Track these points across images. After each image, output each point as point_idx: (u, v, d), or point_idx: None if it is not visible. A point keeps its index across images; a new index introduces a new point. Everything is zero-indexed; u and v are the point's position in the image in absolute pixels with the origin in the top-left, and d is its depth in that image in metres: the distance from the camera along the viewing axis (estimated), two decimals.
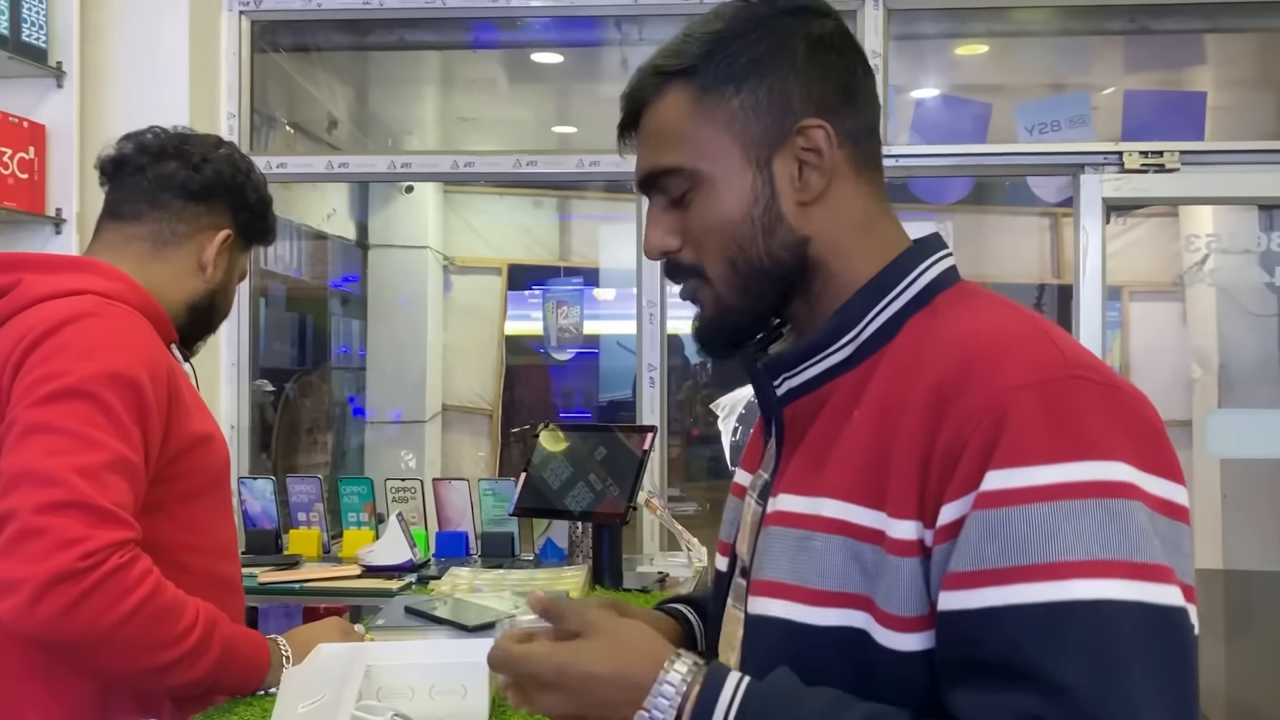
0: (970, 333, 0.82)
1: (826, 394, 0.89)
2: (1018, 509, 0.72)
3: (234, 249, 1.56)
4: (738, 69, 0.90)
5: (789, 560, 0.85)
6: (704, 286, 0.92)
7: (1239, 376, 4.29)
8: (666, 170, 0.91)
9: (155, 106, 2.68)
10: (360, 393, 4.89)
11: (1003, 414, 0.75)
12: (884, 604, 0.78)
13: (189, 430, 1.37)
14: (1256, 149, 2.81)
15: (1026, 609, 0.71)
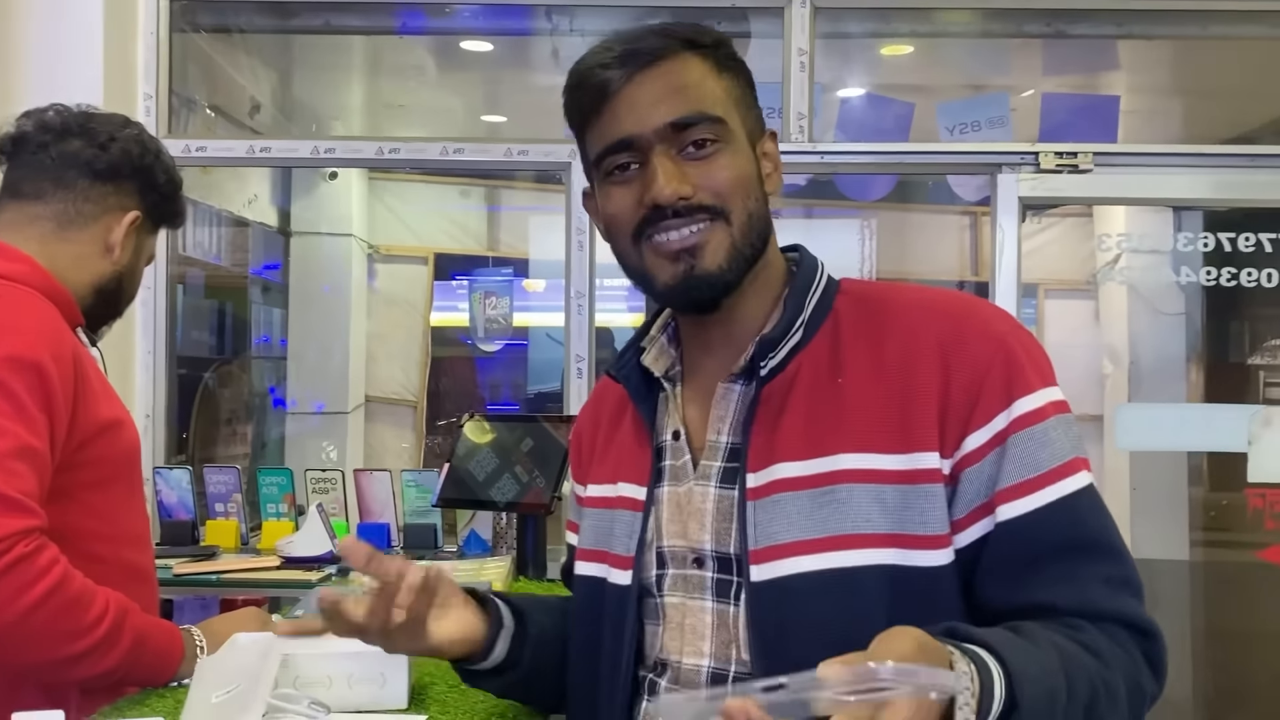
0: (936, 298, 1.02)
1: (794, 371, 0.99)
2: (1048, 422, 0.93)
3: (142, 231, 1.52)
4: (734, 66, 1.03)
5: (809, 517, 0.94)
6: (722, 228, 0.98)
7: (1147, 372, 4.44)
8: (709, 116, 0.98)
9: (68, 87, 2.60)
10: (281, 383, 4.81)
11: (1007, 354, 0.95)
12: (915, 530, 0.93)
13: (96, 416, 1.34)
14: (1167, 152, 2.91)
15: (1074, 496, 0.93)
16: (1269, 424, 2.78)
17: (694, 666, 1.00)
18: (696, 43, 1.00)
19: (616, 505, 1.08)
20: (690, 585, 1.01)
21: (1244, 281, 2.91)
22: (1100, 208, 4.00)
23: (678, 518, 1.02)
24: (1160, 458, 4.28)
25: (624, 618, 1.03)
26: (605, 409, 1.16)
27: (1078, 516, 0.92)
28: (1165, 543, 4.32)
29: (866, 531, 0.92)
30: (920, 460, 0.93)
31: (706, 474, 1.02)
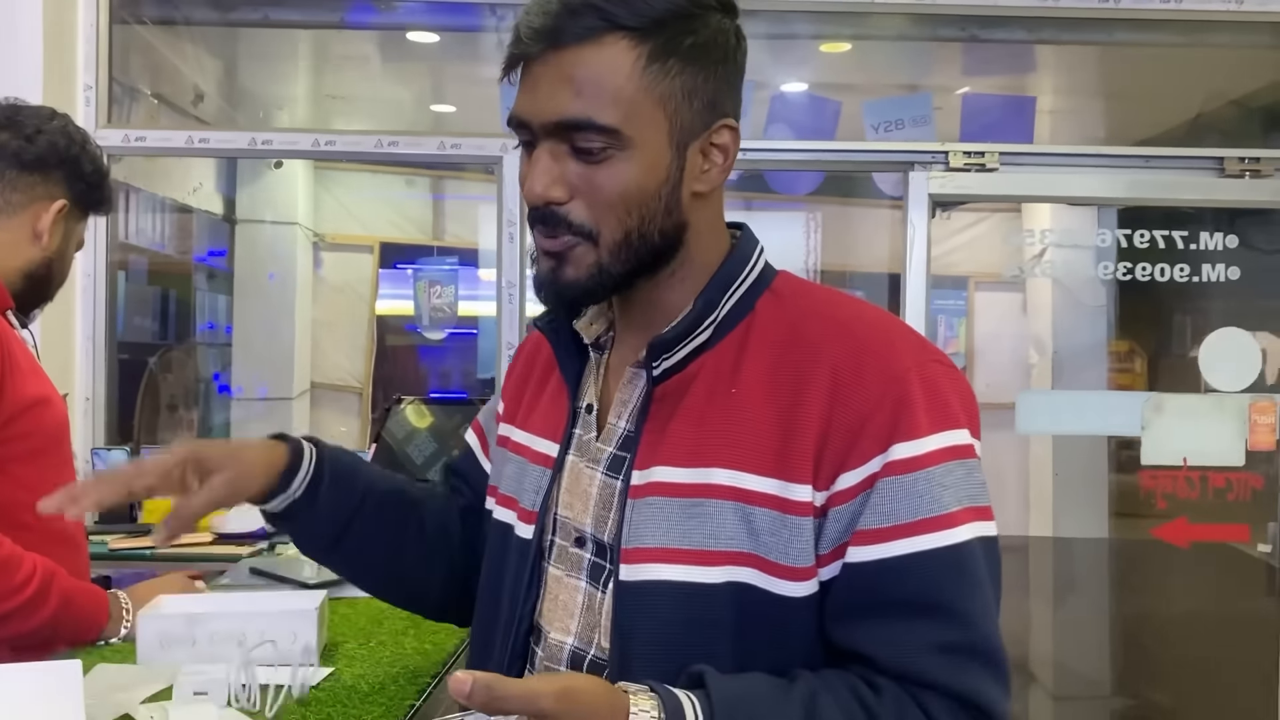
0: (849, 320, 0.95)
1: (694, 372, 0.96)
2: (920, 473, 0.88)
3: (70, 218, 1.61)
4: (685, 49, 0.91)
5: (677, 526, 0.92)
6: (586, 248, 0.93)
7: (1070, 362, 4.62)
8: (598, 126, 0.89)
9: (7, 78, 2.66)
10: (226, 369, 4.87)
11: (901, 393, 0.89)
12: (777, 558, 0.89)
13: (23, 394, 1.43)
14: (1068, 152, 3.07)
15: (931, 554, 0.87)
16: (1160, 410, 2.95)
17: (558, 642, 0.99)
18: (631, 23, 0.89)
19: (530, 458, 1.06)
20: (569, 561, 1.00)
21: (1156, 277, 3.08)
22: (1028, 205, 4.17)
23: (571, 491, 1.01)
24: (1080, 444, 4.48)
25: (523, 571, 1.02)
26: (543, 354, 1.12)
27: (927, 575, 0.87)
28: (1085, 522, 4.52)
29: (728, 549, 0.90)
30: (792, 490, 0.90)
31: (597, 458, 1.00)
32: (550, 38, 0.89)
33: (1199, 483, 2.96)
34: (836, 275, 5.61)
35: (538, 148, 0.92)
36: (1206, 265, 3.04)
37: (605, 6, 0.89)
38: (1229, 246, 3.04)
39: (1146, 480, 2.99)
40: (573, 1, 0.89)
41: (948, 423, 0.90)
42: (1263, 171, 2.97)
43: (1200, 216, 3.11)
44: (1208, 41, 3.25)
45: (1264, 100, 3.56)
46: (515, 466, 1.08)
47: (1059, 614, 4.47)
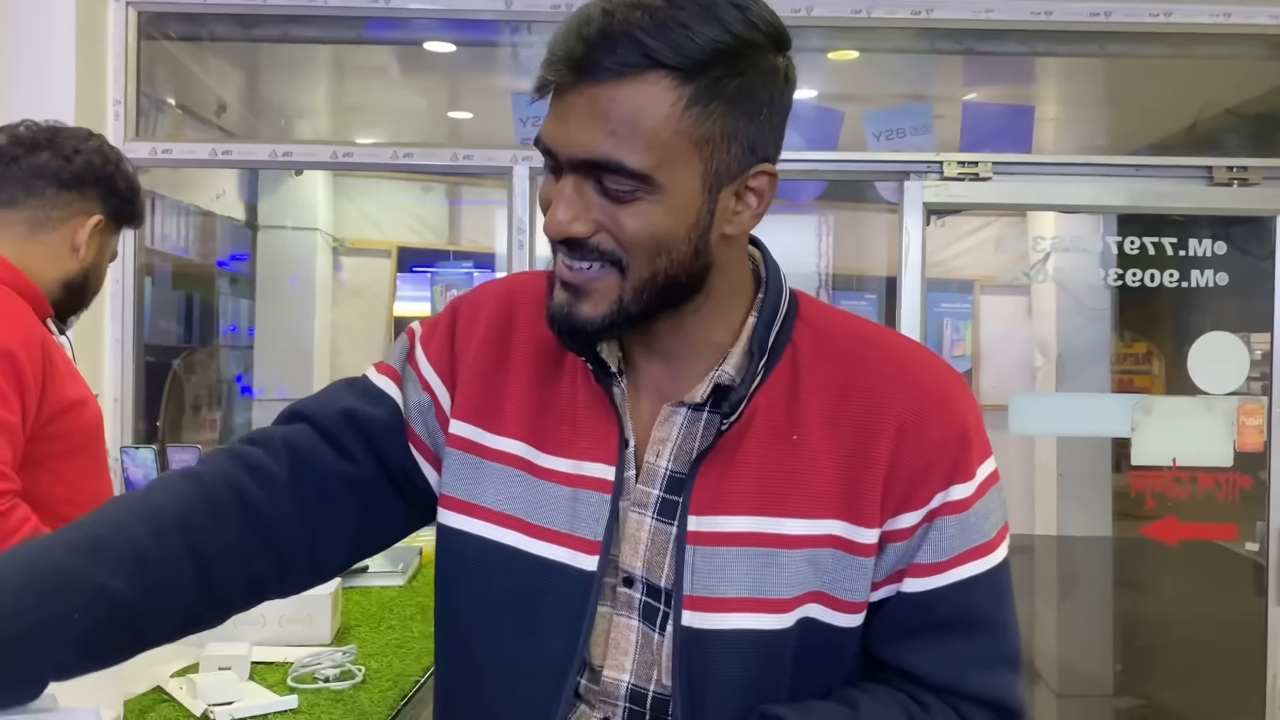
0: (902, 364, 0.96)
1: (749, 415, 0.94)
2: (973, 509, 0.95)
3: (105, 232, 1.73)
4: (731, 91, 0.86)
5: (749, 575, 0.92)
6: (614, 279, 0.89)
7: (1073, 364, 4.70)
8: (628, 170, 0.85)
9: (41, 95, 2.81)
10: (248, 371, 5.01)
11: (962, 438, 0.94)
12: (840, 594, 0.94)
13: (62, 396, 1.56)
14: (1059, 161, 3.16)
15: (977, 578, 0.95)
16: (1149, 412, 3.04)
17: (615, 680, 0.97)
18: (674, 62, 0.83)
19: (581, 484, 0.97)
20: (617, 600, 0.97)
21: (1148, 282, 3.16)
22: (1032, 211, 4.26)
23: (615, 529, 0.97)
24: (1084, 443, 4.56)
25: (583, 604, 0.95)
26: (518, 343, 1.01)
27: (972, 598, 0.95)
28: (1089, 521, 4.59)
29: (798, 594, 0.93)
30: (860, 534, 0.93)
31: (644, 501, 0.96)
32: (586, 69, 0.84)
33: (1188, 482, 3.05)
34: (846, 278, 5.71)
35: (563, 178, 0.88)
36: (1196, 271, 3.12)
37: (647, 41, 0.83)
38: (1218, 253, 3.12)
39: (1136, 480, 3.08)
40: (613, 30, 0.83)
41: (987, 454, 0.97)
42: (1250, 180, 3.05)
43: (1197, 223, 3.20)
44: (1198, 53, 3.33)
45: (1257, 109, 3.63)
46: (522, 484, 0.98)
47: (1063, 612, 4.56)
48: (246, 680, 1.37)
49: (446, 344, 1.03)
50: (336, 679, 1.40)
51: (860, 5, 3.13)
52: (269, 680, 1.39)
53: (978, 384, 5.35)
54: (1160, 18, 3.11)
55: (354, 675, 1.41)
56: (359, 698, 1.36)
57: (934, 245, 4.75)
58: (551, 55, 0.86)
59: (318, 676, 1.40)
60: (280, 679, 1.39)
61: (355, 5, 3.14)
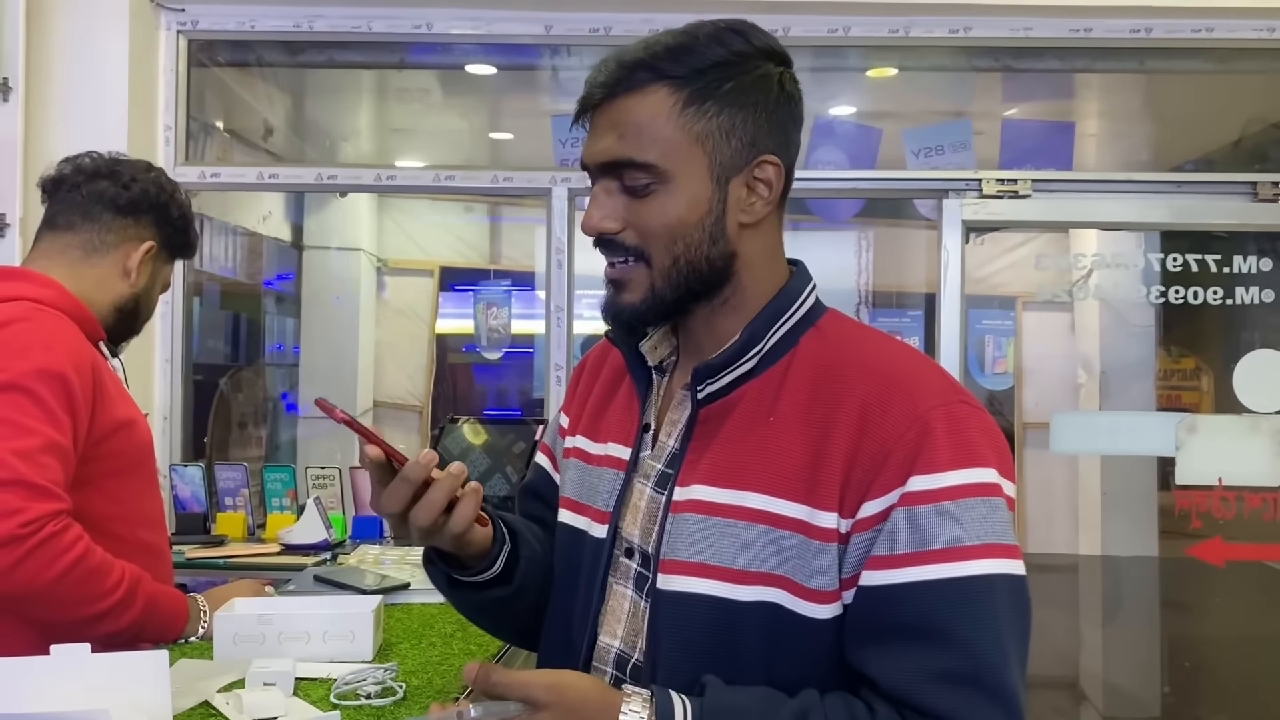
0: (883, 360, 1.00)
1: (737, 399, 1.03)
2: (934, 505, 0.92)
3: (157, 259, 1.78)
4: (722, 94, 1.00)
5: (710, 544, 0.98)
6: (642, 269, 1.02)
7: (1117, 382, 4.65)
8: (637, 163, 1.00)
9: (96, 120, 2.89)
10: (293, 388, 5.09)
11: (923, 429, 0.94)
12: (803, 580, 0.95)
13: (112, 416, 1.60)
14: (1100, 178, 3.15)
15: (938, 583, 0.91)
16: (1194, 430, 3.01)
17: (607, 645, 1.07)
18: (671, 72, 1.00)
19: (603, 463, 1.12)
20: (619, 570, 1.07)
21: (1190, 300, 3.13)
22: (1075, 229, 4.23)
23: (625, 503, 1.08)
24: (1129, 461, 4.50)
25: (597, 569, 1.08)
26: (607, 368, 1.20)
27: (932, 604, 0.91)
28: (1134, 541, 4.53)
29: (757, 569, 0.96)
30: (819, 517, 0.95)
31: (647, 473, 1.07)
32: (599, 91, 1.02)
33: (1234, 502, 3.01)
34: (886, 295, 5.69)
35: (593, 187, 1.04)
36: (1241, 287, 3.09)
37: (654, 62, 1.00)
38: (1264, 269, 3.09)
39: (1181, 500, 3.04)
40: (628, 59, 1.01)
41: (971, 460, 0.94)
42: None
43: (1242, 238, 3.17)
44: (1241, 68, 3.30)
45: None
46: (582, 472, 1.15)
47: (1109, 633, 4.49)
48: (290, 696, 1.40)
49: (573, 391, 1.25)
50: (378, 695, 1.43)
51: (898, 24, 3.14)
52: (312, 696, 1.42)
53: (1020, 401, 5.31)
54: (1202, 33, 3.09)
55: (395, 692, 1.44)
56: (400, 714, 1.39)
57: (975, 261, 4.75)
58: (584, 89, 1.04)
59: (360, 693, 1.43)
60: (323, 695, 1.42)
61: (398, 31, 3.20)
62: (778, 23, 3.02)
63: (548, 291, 3.18)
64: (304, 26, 3.18)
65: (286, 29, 3.19)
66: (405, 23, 3.18)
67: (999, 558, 0.93)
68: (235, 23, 3.18)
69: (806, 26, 3.13)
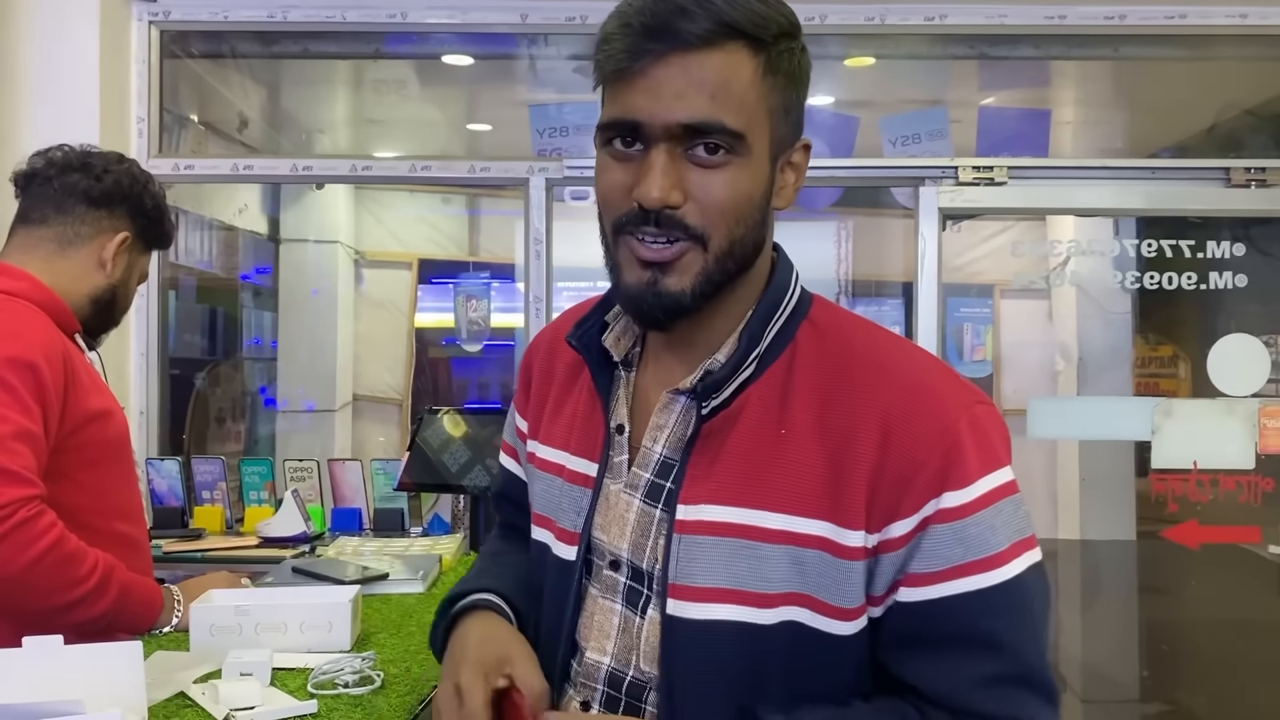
0: (895, 364, 0.95)
1: (739, 407, 0.95)
2: (970, 518, 0.90)
3: (133, 250, 1.77)
4: (788, 66, 0.93)
5: (729, 567, 0.92)
6: (697, 253, 0.92)
7: (1095, 368, 4.68)
8: (730, 130, 0.89)
9: (67, 113, 2.86)
10: (272, 383, 5.06)
11: (952, 443, 0.90)
12: (828, 598, 0.91)
13: (86, 407, 1.59)
14: (1075, 165, 3.16)
15: (981, 593, 0.90)
16: (1169, 415, 3.03)
17: (596, 662, 1.01)
18: (753, 35, 0.90)
19: (567, 477, 1.05)
20: (604, 584, 1.01)
21: (1164, 285, 3.15)
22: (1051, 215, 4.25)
23: (605, 514, 1.01)
24: (1107, 447, 4.53)
25: (566, 590, 1.02)
26: (560, 365, 1.11)
27: (975, 612, 0.89)
28: (1112, 525, 4.57)
29: (781, 591, 0.92)
30: (845, 535, 0.91)
31: (635, 484, 1.00)
32: (668, 38, 0.88)
33: (1209, 485, 3.03)
34: (865, 284, 5.71)
35: (652, 151, 0.90)
36: (1215, 273, 3.11)
37: (725, 10, 0.89)
38: (1237, 254, 3.11)
39: (1157, 484, 3.06)
40: (687, 5, 0.88)
41: (994, 464, 0.91)
42: (1269, 181, 3.04)
43: (1216, 224, 3.19)
44: (1215, 55, 3.32)
45: (1276, 109, 3.62)
46: (547, 484, 1.08)
47: (1087, 617, 4.53)
48: (268, 686, 1.40)
49: (524, 389, 1.16)
50: (355, 684, 1.42)
51: (874, 12, 3.15)
52: (289, 686, 1.41)
53: (999, 388, 5.33)
54: (1175, 20, 3.10)
55: (373, 681, 1.44)
56: (377, 703, 1.38)
57: (953, 250, 4.76)
58: (627, 33, 0.90)
59: (337, 682, 1.42)
60: (300, 685, 1.42)
61: (373, 21, 3.18)
62: None
63: (526, 283, 3.17)
64: (278, 17, 3.15)
65: (260, 19, 3.17)
66: (380, 12, 3.16)
67: (1028, 551, 0.93)
68: (208, 13, 3.15)
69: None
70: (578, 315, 1.07)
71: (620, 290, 0.96)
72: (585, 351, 1.03)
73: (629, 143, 0.92)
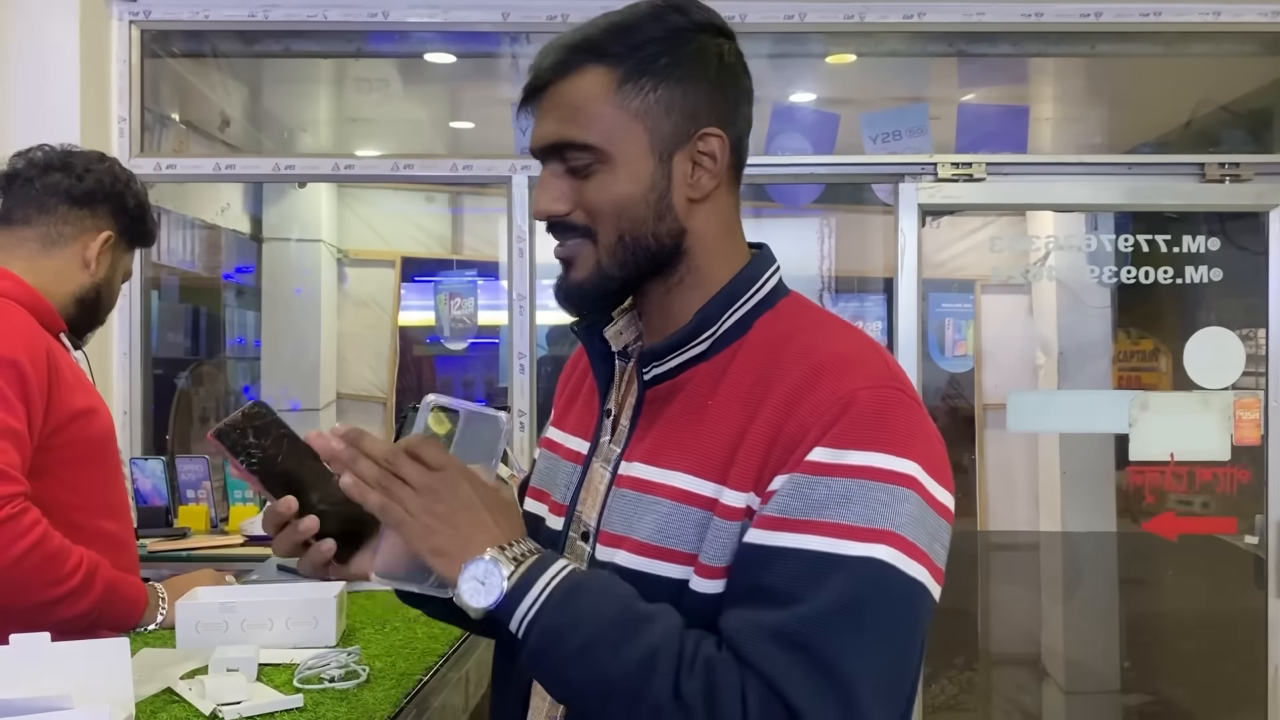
0: (821, 350, 0.97)
1: (684, 381, 1.02)
2: (825, 478, 0.89)
3: (116, 249, 1.78)
4: (659, 69, 0.99)
5: (637, 518, 0.98)
6: (589, 247, 1.01)
7: (1075, 362, 4.72)
8: (577, 144, 0.99)
9: (48, 113, 2.86)
10: (256, 382, 5.05)
11: (844, 407, 0.91)
12: (705, 559, 0.94)
13: (70, 405, 1.60)
14: (1053, 161, 3.19)
15: (805, 552, 0.88)
16: (1146, 408, 3.06)
17: None
18: (607, 51, 0.99)
19: (563, 454, 1.13)
20: (575, 553, 1.05)
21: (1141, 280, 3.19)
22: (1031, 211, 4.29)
23: (587, 489, 1.07)
24: (1088, 440, 4.58)
25: None
26: (581, 365, 1.19)
27: (790, 569, 0.88)
28: (1092, 518, 4.61)
29: (672, 547, 0.96)
30: (728, 495, 0.94)
31: (608, 457, 1.07)
32: (544, 76, 1.01)
33: (1186, 477, 3.07)
34: (848, 280, 5.74)
35: (542, 171, 1.03)
36: (1191, 267, 3.15)
37: (589, 43, 1.00)
38: (1212, 249, 3.15)
39: (1135, 476, 3.10)
40: (565, 43, 1.01)
41: (886, 446, 0.90)
42: (1243, 176, 3.07)
43: (1191, 219, 3.22)
44: (1189, 51, 3.36)
45: (1251, 105, 3.66)
46: (546, 461, 1.15)
47: (1069, 609, 4.57)
48: (254, 681, 1.41)
49: (562, 389, 1.22)
50: (341, 679, 1.43)
51: (853, 10, 3.17)
52: (276, 681, 1.42)
53: (980, 383, 5.37)
54: (1150, 17, 3.14)
55: (358, 675, 1.45)
56: (363, 697, 1.40)
57: (934, 246, 4.80)
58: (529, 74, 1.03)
59: (323, 677, 1.44)
60: (287, 680, 1.43)
61: (355, 19, 3.18)
62: (734, 9, 3.04)
63: (510, 281, 3.18)
64: (259, 16, 3.15)
65: (241, 18, 3.16)
66: (361, 11, 3.16)
67: (888, 546, 0.88)
68: (189, 12, 3.15)
69: (763, 13, 3.15)
70: None
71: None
72: (588, 341, 1.11)
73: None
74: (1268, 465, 3.04)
